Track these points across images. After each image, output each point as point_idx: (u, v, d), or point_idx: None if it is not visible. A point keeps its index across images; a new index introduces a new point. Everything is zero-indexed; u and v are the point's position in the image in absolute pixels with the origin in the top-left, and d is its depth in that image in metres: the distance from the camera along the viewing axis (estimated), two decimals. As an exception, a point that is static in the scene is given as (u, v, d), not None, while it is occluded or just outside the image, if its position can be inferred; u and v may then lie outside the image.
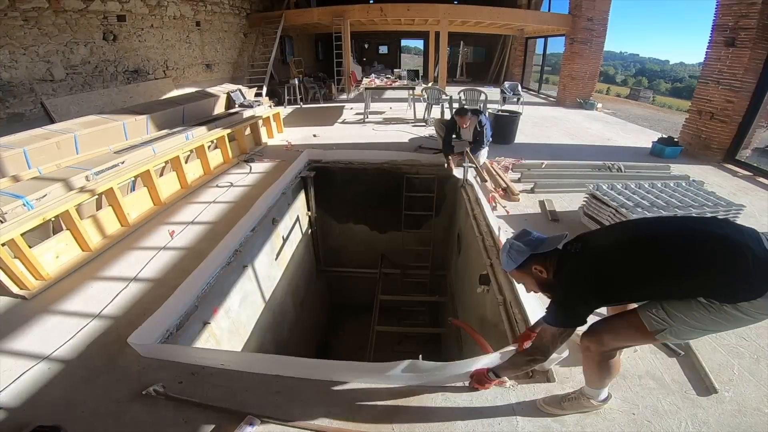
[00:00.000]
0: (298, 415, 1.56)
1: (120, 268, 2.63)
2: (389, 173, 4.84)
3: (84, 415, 1.56)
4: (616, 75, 38.90)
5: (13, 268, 2.27)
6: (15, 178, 2.80)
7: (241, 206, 3.56)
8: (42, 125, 3.59)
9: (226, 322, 2.76)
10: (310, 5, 12.71)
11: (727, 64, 4.62)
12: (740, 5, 4.37)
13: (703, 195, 3.08)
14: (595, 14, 8.84)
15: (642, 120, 8.24)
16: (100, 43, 5.95)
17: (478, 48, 16.18)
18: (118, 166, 3.23)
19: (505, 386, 1.69)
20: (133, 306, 2.23)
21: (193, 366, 1.80)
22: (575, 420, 1.52)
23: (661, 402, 1.60)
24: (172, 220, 3.32)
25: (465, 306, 3.97)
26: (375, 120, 7.39)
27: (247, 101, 5.88)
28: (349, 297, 6.31)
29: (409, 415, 1.57)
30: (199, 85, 8.02)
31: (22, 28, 4.86)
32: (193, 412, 1.57)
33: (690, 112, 5.33)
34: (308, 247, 5.13)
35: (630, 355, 1.83)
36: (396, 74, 10.47)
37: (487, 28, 11.49)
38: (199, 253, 2.78)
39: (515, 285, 2.35)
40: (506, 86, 8.08)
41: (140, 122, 4.00)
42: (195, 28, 8.20)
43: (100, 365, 1.81)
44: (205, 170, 4.29)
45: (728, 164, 4.79)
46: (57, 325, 2.08)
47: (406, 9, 9.29)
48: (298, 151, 5.20)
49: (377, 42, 18.12)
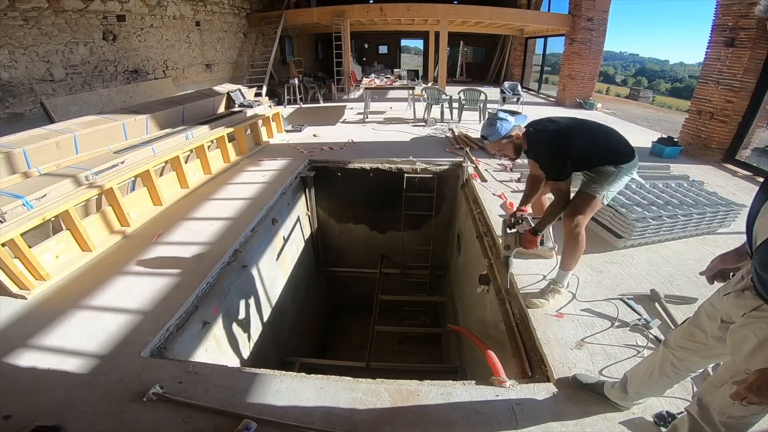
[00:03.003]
0: (297, 416, 1.56)
1: (120, 268, 2.63)
2: (389, 173, 4.84)
3: (84, 415, 1.56)
4: (615, 75, 38.95)
5: (13, 268, 2.27)
6: (26, 174, 2.81)
7: (241, 206, 3.56)
8: (42, 125, 3.58)
9: (226, 321, 2.76)
10: (310, 5, 12.71)
11: (727, 64, 4.62)
12: (740, 5, 4.37)
13: (704, 195, 3.08)
14: (594, 14, 8.84)
15: (642, 120, 8.24)
16: (100, 43, 5.95)
17: (478, 48, 16.18)
18: (117, 166, 3.23)
19: (505, 386, 1.69)
20: (133, 306, 2.23)
21: (193, 364, 1.81)
22: (575, 420, 1.52)
23: (661, 402, 1.59)
24: (172, 220, 3.32)
25: (465, 306, 3.97)
26: (375, 120, 7.39)
27: (246, 101, 5.87)
28: (349, 297, 6.32)
29: (409, 415, 1.57)
30: (199, 85, 8.03)
31: (22, 28, 4.86)
32: (193, 412, 1.57)
33: (690, 112, 5.32)
34: (308, 247, 5.13)
35: (631, 356, 1.83)
36: (396, 74, 10.48)
37: (487, 28, 11.49)
38: (199, 252, 2.78)
39: (515, 285, 2.36)
40: (506, 86, 8.08)
41: (140, 122, 4.00)
42: (195, 28, 8.20)
43: (99, 365, 1.81)
44: (204, 170, 4.29)
45: (728, 164, 4.79)
46: (57, 325, 2.08)
47: (406, 9, 9.29)
48: (302, 152, 5.21)
49: (377, 42, 18.12)
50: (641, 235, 2.72)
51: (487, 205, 3.49)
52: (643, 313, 2.11)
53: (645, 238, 2.76)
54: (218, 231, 3.10)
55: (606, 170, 2.00)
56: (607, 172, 1.99)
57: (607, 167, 1.99)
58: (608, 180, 1.99)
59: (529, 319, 2.08)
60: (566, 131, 1.98)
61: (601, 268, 2.53)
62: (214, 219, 3.31)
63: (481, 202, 3.62)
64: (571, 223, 2.02)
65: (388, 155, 4.96)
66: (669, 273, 2.47)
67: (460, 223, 4.49)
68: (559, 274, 2.19)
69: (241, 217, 3.35)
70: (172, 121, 4.45)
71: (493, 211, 3.39)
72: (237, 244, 2.94)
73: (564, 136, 1.97)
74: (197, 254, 2.76)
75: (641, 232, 2.69)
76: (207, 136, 4.30)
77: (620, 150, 2.01)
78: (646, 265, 2.57)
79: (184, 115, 4.69)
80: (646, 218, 2.72)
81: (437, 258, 5.48)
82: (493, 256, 2.93)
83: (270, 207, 3.66)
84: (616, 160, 1.99)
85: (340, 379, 1.76)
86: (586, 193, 2.04)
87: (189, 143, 4.01)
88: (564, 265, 2.14)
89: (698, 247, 2.83)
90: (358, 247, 5.63)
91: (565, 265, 2.13)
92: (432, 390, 1.69)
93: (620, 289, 2.32)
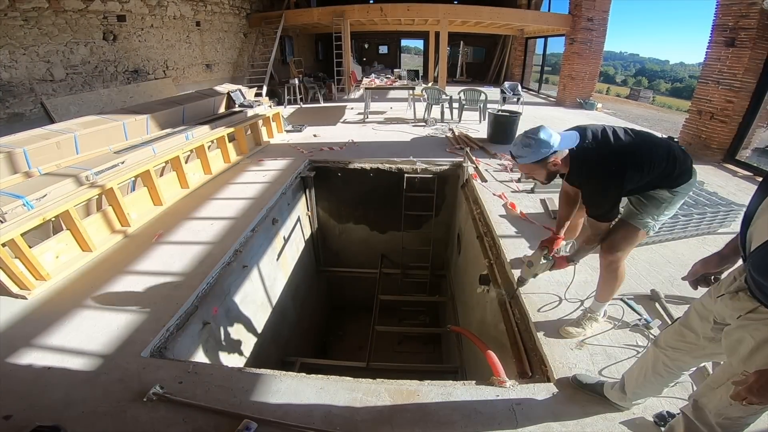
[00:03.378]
0: (298, 416, 1.56)
1: (120, 268, 2.63)
2: (389, 173, 4.84)
3: (84, 415, 1.56)
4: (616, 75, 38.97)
5: (13, 268, 2.27)
6: (26, 174, 2.81)
7: (241, 206, 3.56)
8: (42, 125, 3.58)
9: (227, 322, 2.76)
10: (310, 5, 12.72)
11: (727, 64, 4.62)
12: (740, 5, 4.37)
13: (704, 195, 3.08)
14: (595, 14, 8.84)
15: (642, 120, 8.24)
16: (100, 43, 5.96)
17: (478, 48, 16.18)
18: (118, 166, 3.23)
19: (505, 386, 1.69)
20: (133, 306, 2.23)
21: (193, 364, 1.81)
22: (575, 420, 1.52)
23: (661, 402, 1.59)
24: (172, 220, 3.32)
25: (465, 306, 3.97)
26: (375, 120, 7.39)
27: (247, 101, 5.87)
28: (349, 297, 6.32)
29: (409, 415, 1.57)
30: (200, 85, 8.03)
31: (22, 28, 4.86)
32: (193, 412, 1.57)
33: (690, 112, 5.32)
34: (308, 247, 5.13)
35: (630, 356, 1.83)
36: (396, 74, 10.48)
37: (487, 28, 11.49)
38: (199, 252, 2.78)
39: (515, 285, 2.35)
40: (506, 86, 8.09)
41: (140, 122, 4.00)
42: (195, 28, 8.20)
43: (100, 365, 1.81)
44: (205, 170, 4.29)
45: (728, 164, 4.78)
46: (57, 325, 2.08)
47: (406, 9, 9.29)
48: (302, 152, 5.21)
49: (377, 42, 18.11)
50: (641, 235, 2.71)
51: (487, 206, 3.49)
52: (644, 313, 2.11)
53: (645, 238, 2.76)
54: (218, 231, 3.10)
55: (658, 195, 1.63)
56: (660, 197, 1.63)
57: (661, 192, 1.62)
58: (659, 207, 1.64)
59: (529, 319, 2.08)
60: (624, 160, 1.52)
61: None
62: (214, 219, 3.31)
63: (481, 202, 3.62)
64: (608, 257, 1.78)
65: (388, 155, 4.96)
66: (669, 273, 2.47)
67: (461, 223, 4.49)
68: (595, 304, 1.99)
69: (242, 217, 3.35)
70: (172, 121, 4.45)
71: (494, 211, 3.39)
72: (237, 244, 2.94)
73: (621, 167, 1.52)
74: (197, 254, 2.76)
75: (641, 232, 2.69)
76: (207, 136, 4.30)
77: (679, 169, 1.58)
78: (647, 265, 2.57)
79: (184, 115, 4.69)
80: (647, 218, 2.72)
81: (437, 258, 5.48)
82: (492, 256, 2.93)
83: (270, 207, 3.66)
84: (672, 183, 1.59)
85: (340, 379, 1.76)
86: (631, 225, 1.71)
87: (189, 143, 4.01)
88: (600, 297, 1.95)
89: (698, 247, 2.83)
90: (358, 247, 5.63)
91: (602, 297, 1.94)
92: (432, 390, 1.69)
93: (621, 289, 2.31)
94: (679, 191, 1.61)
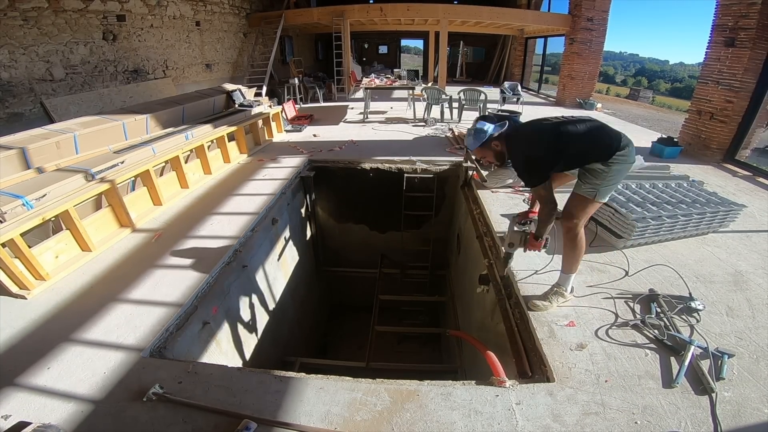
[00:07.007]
0: (297, 416, 1.56)
1: (120, 267, 2.63)
2: (389, 173, 4.84)
3: (83, 415, 1.56)
4: (615, 75, 38.97)
5: (13, 268, 2.27)
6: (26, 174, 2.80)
7: (241, 206, 3.56)
8: (41, 125, 3.58)
9: (226, 322, 2.76)
10: (310, 5, 12.72)
11: (727, 64, 4.62)
12: (740, 5, 4.37)
13: (704, 195, 3.08)
14: (594, 14, 8.84)
15: (642, 120, 8.23)
16: (100, 42, 5.95)
17: (478, 48, 16.19)
18: (117, 166, 3.23)
19: (505, 386, 1.69)
20: (133, 306, 2.23)
21: (193, 364, 1.80)
22: (575, 420, 1.52)
23: (660, 402, 1.60)
24: (173, 220, 3.32)
25: (465, 306, 3.97)
26: (375, 120, 7.39)
27: (247, 101, 5.87)
28: (349, 297, 6.32)
29: (409, 415, 1.57)
30: (199, 85, 8.03)
31: (22, 28, 4.86)
32: (192, 412, 1.57)
33: (690, 112, 5.32)
34: (308, 247, 5.13)
35: (630, 356, 1.83)
36: (396, 74, 10.48)
37: (487, 28, 11.49)
38: (199, 252, 2.78)
39: (515, 284, 2.35)
40: (506, 86, 8.09)
41: (140, 122, 4.00)
42: (195, 27, 8.20)
43: (99, 365, 1.81)
44: (204, 170, 4.29)
45: (728, 164, 4.79)
46: (57, 325, 2.08)
47: (406, 9, 9.30)
48: (302, 152, 5.20)
49: (377, 42, 18.12)
50: (641, 235, 2.72)
51: (487, 205, 3.49)
52: (643, 313, 2.11)
53: (645, 238, 2.76)
54: (218, 231, 3.10)
55: (595, 168, 1.90)
56: (597, 169, 1.89)
57: (595, 165, 1.89)
58: (599, 178, 1.90)
59: (529, 319, 2.08)
60: (535, 135, 1.93)
61: (600, 268, 2.53)
62: (214, 218, 3.31)
63: (481, 202, 3.62)
64: (566, 224, 2.01)
65: (388, 155, 4.96)
66: (669, 273, 2.47)
67: (460, 223, 4.49)
68: (562, 277, 2.14)
69: (241, 216, 3.35)
70: (172, 121, 4.45)
71: (493, 210, 3.39)
72: (237, 244, 2.94)
73: (533, 140, 1.91)
74: (197, 254, 2.76)
75: (641, 232, 2.69)
76: (207, 135, 4.30)
77: (603, 145, 1.86)
78: (646, 265, 2.57)
79: (184, 115, 4.69)
80: (646, 218, 2.72)
81: (437, 258, 5.49)
82: (492, 256, 2.93)
83: (270, 207, 3.66)
84: (601, 157, 1.87)
85: (340, 379, 1.76)
86: (579, 195, 1.98)
87: (189, 143, 4.01)
88: (565, 268, 2.10)
89: (698, 247, 2.83)
90: (358, 246, 5.63)
91: (567, 268, 2.10)
92: (432, 390, 1.69)
93: (620, 289, 2.32)
94: (613, 163, 1.86)
